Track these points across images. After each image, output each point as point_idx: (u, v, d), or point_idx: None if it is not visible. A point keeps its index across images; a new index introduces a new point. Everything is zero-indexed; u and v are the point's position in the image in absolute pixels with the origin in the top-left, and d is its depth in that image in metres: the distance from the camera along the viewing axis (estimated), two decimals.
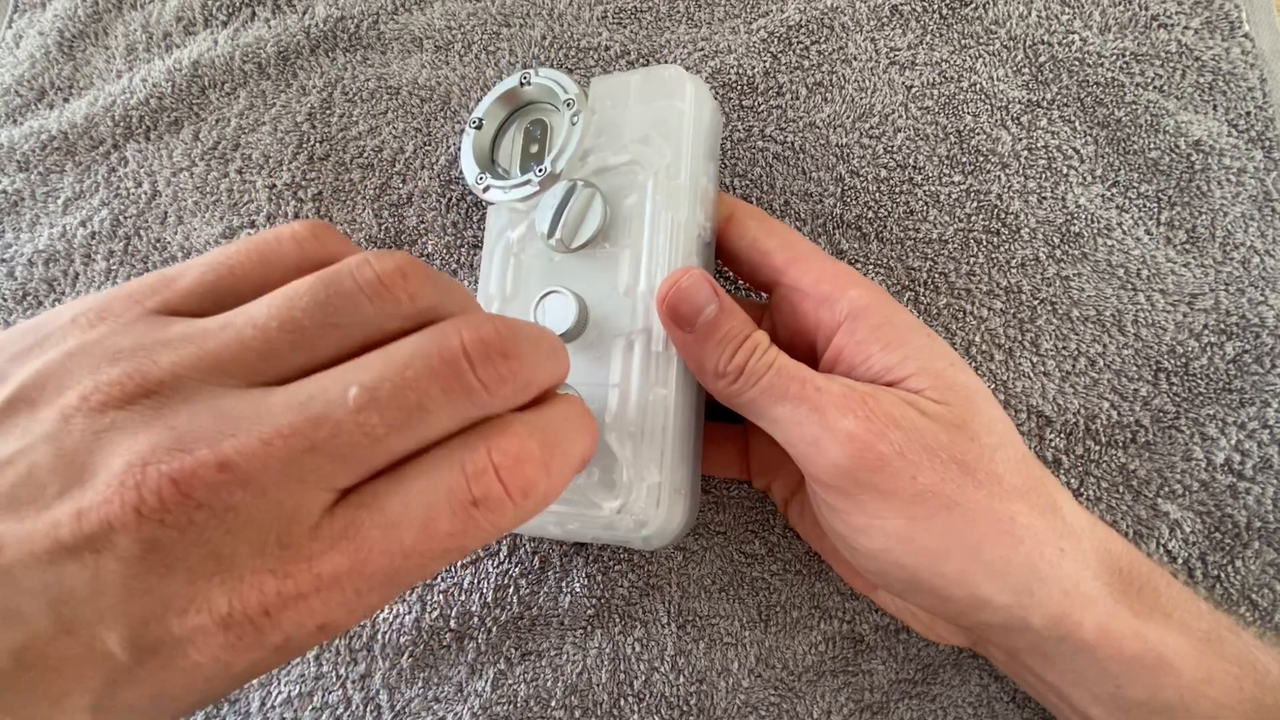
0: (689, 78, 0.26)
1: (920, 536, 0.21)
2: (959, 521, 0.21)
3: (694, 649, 0.28)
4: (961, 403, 0.22)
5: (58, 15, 0.37)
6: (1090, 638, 0.21)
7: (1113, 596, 0.21)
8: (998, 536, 0.21)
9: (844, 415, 0.21)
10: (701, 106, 0.26)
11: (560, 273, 0.26)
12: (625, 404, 0.24)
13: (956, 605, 0.22)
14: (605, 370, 0.24)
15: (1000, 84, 0.33)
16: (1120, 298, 0.31)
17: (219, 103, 0.35)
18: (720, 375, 0.23)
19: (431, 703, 0.28)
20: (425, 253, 0.32)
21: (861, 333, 0.23)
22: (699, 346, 0.23)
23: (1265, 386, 0.29)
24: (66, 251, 0.33)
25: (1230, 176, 0.32)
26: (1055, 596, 0.21)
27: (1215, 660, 0.21)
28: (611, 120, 0.26)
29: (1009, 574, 0.21)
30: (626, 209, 0.25)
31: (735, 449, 0.29)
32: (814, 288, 0.24)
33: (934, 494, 0.21)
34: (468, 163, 0.27)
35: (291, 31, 0.35)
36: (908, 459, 0.21)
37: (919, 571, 0.21)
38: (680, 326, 0.23)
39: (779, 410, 0.22)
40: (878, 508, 0.21)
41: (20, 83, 0.36)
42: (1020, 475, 0.22)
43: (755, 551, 0.29)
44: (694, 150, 0.25)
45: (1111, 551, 0.22)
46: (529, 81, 0.27)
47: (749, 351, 0.22)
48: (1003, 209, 0.32)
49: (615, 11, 0.35)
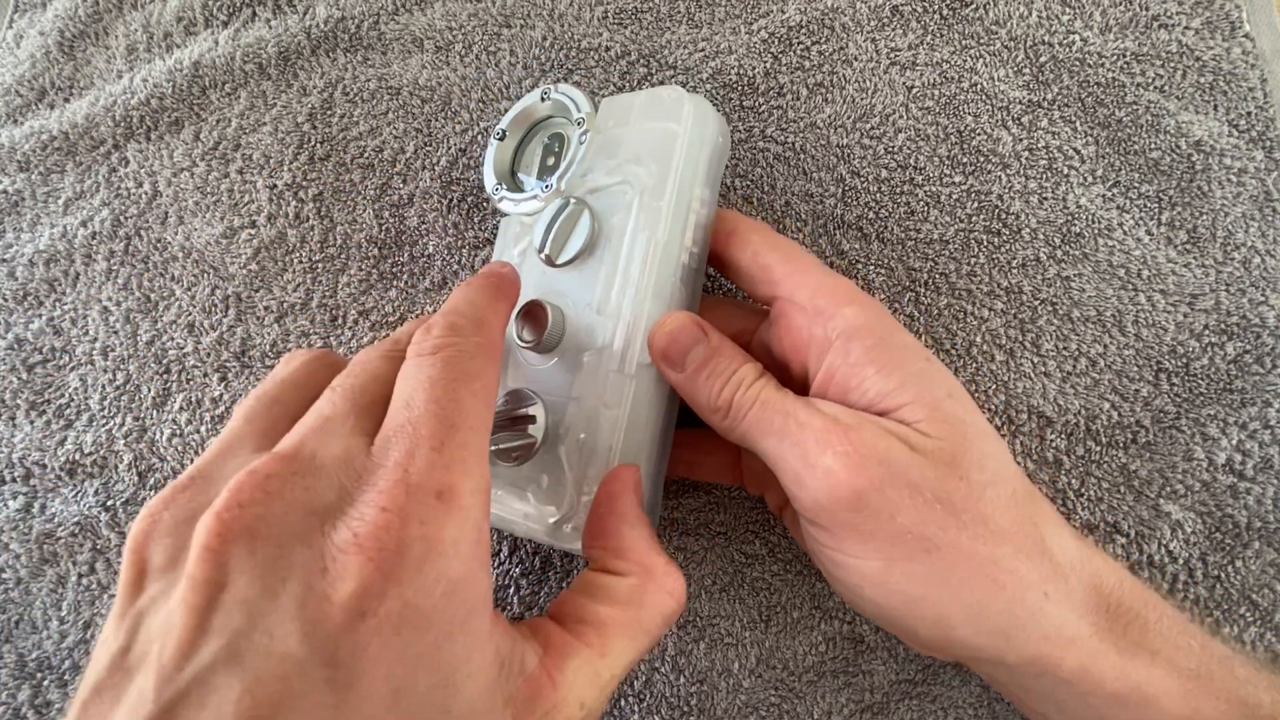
0: (689, 99, 0.25)
1: (896, 579, 0.21)
2: (938, 565, 0.20)
3: (694, 649, 0.28)
4: (954, 437, 0.21)
5: (58, 15, 0.37)
6: (1069, 676, 0.21)
7: (1098, 635, 0.21)
8: (977, 581, 0.20)
9: (823, 451, 0.21)
10: (701, 128, 0.25)
11: (551, 285, 0.26)
12: (579, 419, 0.24)
13: (930, 644, 0.22)
14: (569, 383, 0.25)
15: (1001, 84, 0.33)
16: (1121, 298, 0.31)
17: (220, 103, 0.35)
18: (714, 410, 0.23)
19: None
20: (426, 253, 0.32)
21: (855, 354, 0.22)
22: (691, 385, 0.23)
23: (1266, 386, 0.29)
24: (67, 252, 0.33)
25: (1231, 177, 0.32)
26: (1034, 640, 0.21)
27: (1203, 698, 0.21)
28: (611, 139, 0.26)
29: (987, 618, 0.20)
30: (611, 228, 0.25)
31: (729, 456, 0.29)
32: (809, 301, 0.23)
33: (913, 536, 0.20)
34: (488, 174, 0.28)
35: (292, 32, 0.35)
36: (886, 497, 0.20)
37: (891, 611, 0.21)
38: (672, 368, 0.24)
39: (766, 444, 0.22)
40: (856, 547, 0.21)
41: (21, 82, 0.36)
42: (1009, 515, 0.21)
43: (756, 552, 0.29)
44: (684, 172, 0.25)
45: (1101, 588, 0.22)
46: (548, 97, 0.28)
47: (735, 386, 0.23)
48: (1003, 209, 0.32)
49: (616, 12, 0.35)
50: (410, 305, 0.32)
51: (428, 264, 0.32)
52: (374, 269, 0.32)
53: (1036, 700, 0.23)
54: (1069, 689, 0.21)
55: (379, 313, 0.31)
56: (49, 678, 0.27)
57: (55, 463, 0.30)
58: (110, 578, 0.28)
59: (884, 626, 0.23)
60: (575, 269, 0.26)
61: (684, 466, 0.29)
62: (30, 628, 0.27)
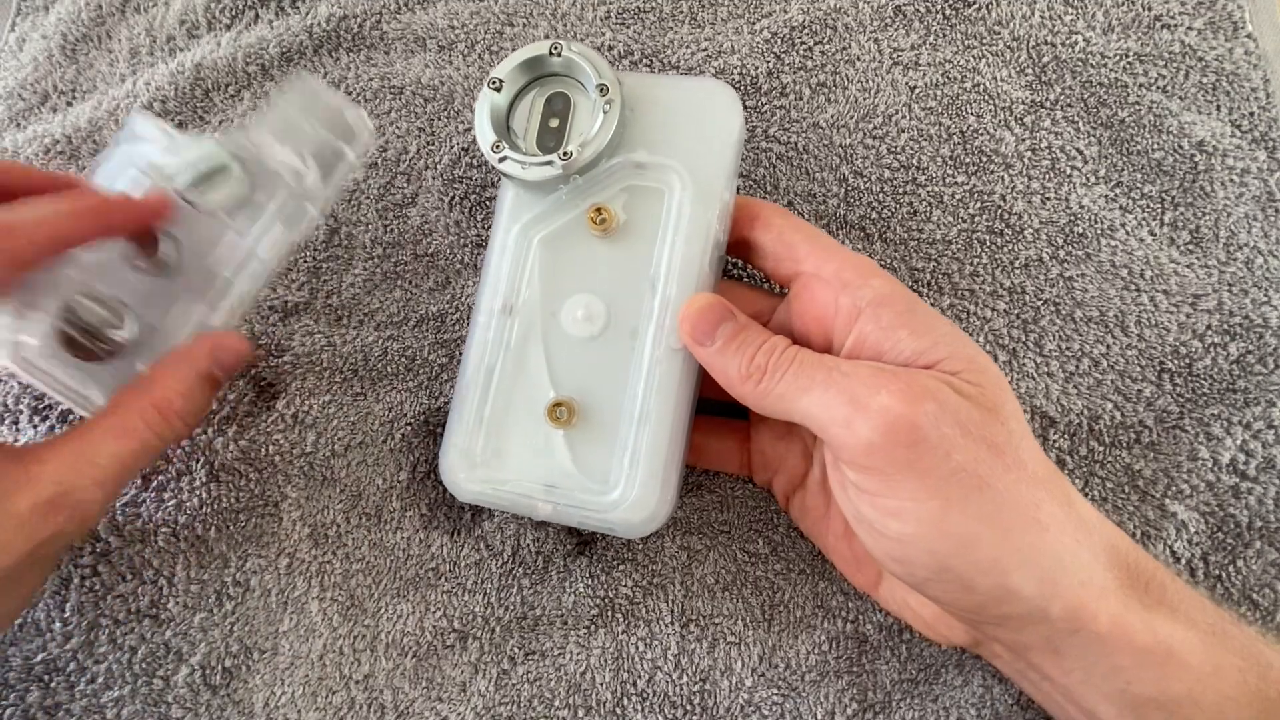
0: (730, 91, 0.26)
1: (953, 519, 0.20)
2: (990, 504, 0.20)
3: (697, 648, 0.28)
4: (993, 387, 0.22)
5: (61, 19, 0.37)
6: (1104, 630, 0.21)
7: (1123, 590, 0.21)
8: (1026, 523, 0.21)
9: (877, 391, 0.21)
10: (734, 118, 0.26)
11: (589, 261, 0.26)
12: (610, 400, 0.25)
13: (981, 597, 0.21)
14: (616, 365, 0.25)
15: (1004, 84, 0.33)
16: (1124, 298, 0.31)
17: (223, 104, 0.35)
18: (746, 377, 0.23)
19: (435, 702, 0.28)
20: (429, 252, 0.32)
21: (887, 319, 0.23)
22: (721, 357, 0.24)
23: (1269, 386, 0.29)
24: None
25: (1234, 177, 0.32)
26: (1074, 587, 0.21)
27: (1222, 653, 0.21)
28: (650, 120, 0.26)
29: (1038, 562, 0.20)
30: (648, 209, 0.26)
31: (736, 444, 0.29)
32: (835, 275, 0.24)
33: (967, 474, 0.20)
34: (483, 126, 0.26)
35: (294, 32, 0.35)
36: (941, 432, 0.20)
37: (949, 558, 0.21)
38: (701, 343, 0.24)
39: (807, 400, 0.22)
40: (913, 488, 0.21)
41: (23, 86, 0.36)
42: (1042, 465, 0.22)
43: (759, 551, 0.29)
44: (720, 162, 0.26)
45: (1118, 547, 0.22)
46: (559, 53, 0.26)
47: (769, 352, 0.23)
48: (1006, 210, 0.32)
49: (619, 12, 0.35)
50: (414, 305, 0.32)
51: (430, 263, 0.32)
52: (378, 268, 0.32)
53: (1064, 669, 0.22)
54: (1100, 649, 0.21)
55: (384, 313, 0.32)
56: (57, 679, 0.27)
57: None
58: (113, 579, 0.28)
59: (931, 589, 0.22)
60: (614, 248, 0.26)
61: (692, 453, 0.29)
62: (34, 630, 0.27)
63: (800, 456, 0.28)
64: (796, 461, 0.28)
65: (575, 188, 0.26)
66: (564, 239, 0.26)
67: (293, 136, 0.28)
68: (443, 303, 0.32)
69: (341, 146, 0.29)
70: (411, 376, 0.31)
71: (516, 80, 0.27)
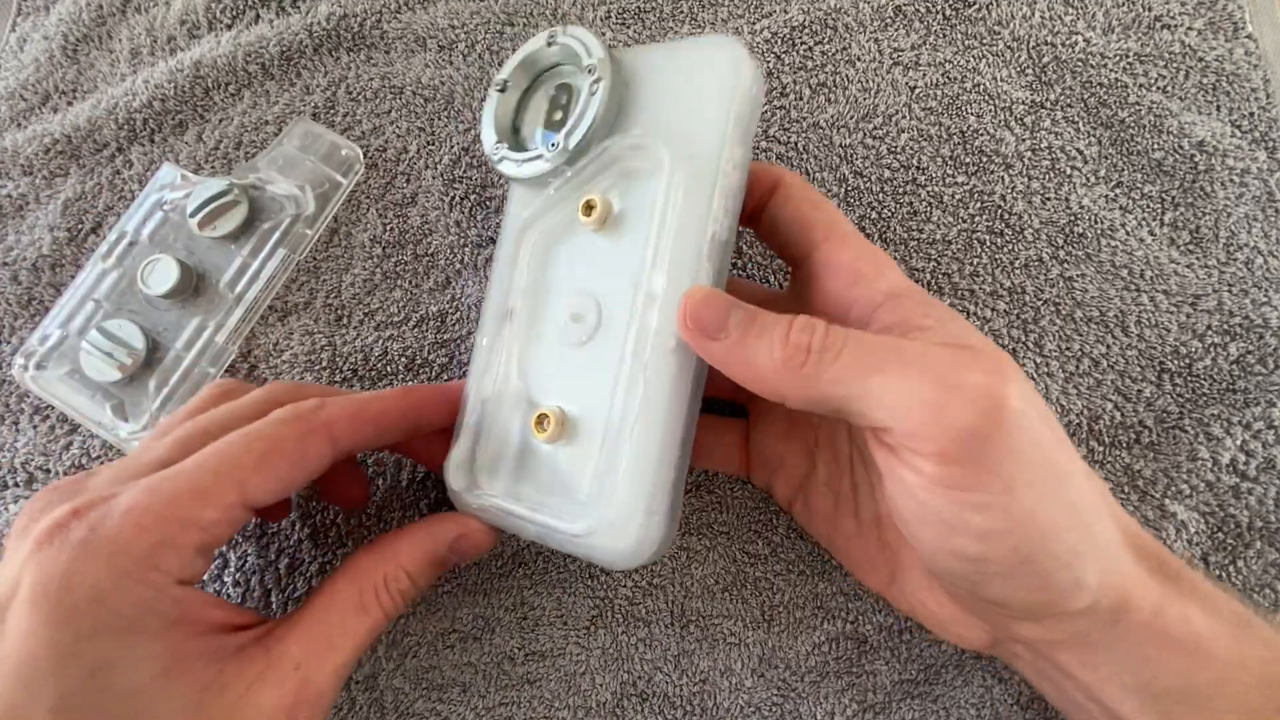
0: (732, 47, 0.22)
1: (1043, 509, 0.18)
2: (1074, 493, 0.19)
3: (697, 649, 0.28)
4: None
5: (62, 19, 0.37)
6: (1145, 620, 0.20)
7: (1156, 580, 0.21)
8: (1096, 511, 0.20)
9: (966, 371, 0.18)
10: (741, 82, 0.22)
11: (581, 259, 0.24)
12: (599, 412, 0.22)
13: (1053, 594, 0.19)
14: (607, 372, 0.22)
15: (1004, 85, 0.33)
16: (1124, 299, 0.31)
17: (223, 103, 0.35)
18: (787, 361, 0.20)
19: (436, 704, 0.28)
20: (429, 252, 0.32)
21: (909, 308, 0.21)
22: (743, 347, 0.20)
23: (1269, 387, 0.29)
24: (73, 256, 0.33)
25: (1234, 177, 0.32)
26: (1121, 574, 0.20)
27: (1248, 644, 0.21)
28: (634, 92, 0.23)
29: (1108, 551, 0.20)
30: (641, 195, 0.23)
31: (735, 444, 0.29)
32: (851, 265, 0.22)
33: (1053, 462, 0.19)
34: (487, 130, 0.25)
35: (294, 31, 0.35)
36: (1033, 416, 0.18)
37: (1032, 553, 0.19)
38: (712, 337, 0.21)
39: (873, 382, 0.19)
40: (1007, 477, 0.18)
41: (24, 86, 0.36)
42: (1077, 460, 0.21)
43: (758, 551, 0.29)
44: (722, 133, 0.22)
45: (1141, 537, 0.22)
46: (555, 41, 0.24)
47: (809, 331, 0.20)
48: (1006, 210, 0.32)
49: (619, 12, 0.35)
50: (414, 305, 0.32)
51: (431, 263, 0.32)
52: (378, 268, 0.32)
53: (1092, 665, 0.21)
54: (1134, 638, 0.20)
55: (384, 313, 0.32)
56: None
57: (59, 467, 0.30)
58: None
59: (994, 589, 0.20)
60: (608, 242, 0.23)
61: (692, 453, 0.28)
62: None
63: (802, 456, 0.27)
64: (798, 461, 0.27)
65: (568, 180, 0.24)
66: (557, 237, 0.25)
67: (293, 170, 0.33)
68: (443, 302, 0.32)
69: (336, 177, 0.33)
70: (411, 376, 0.31)
71: (522, 79, 0.26)
